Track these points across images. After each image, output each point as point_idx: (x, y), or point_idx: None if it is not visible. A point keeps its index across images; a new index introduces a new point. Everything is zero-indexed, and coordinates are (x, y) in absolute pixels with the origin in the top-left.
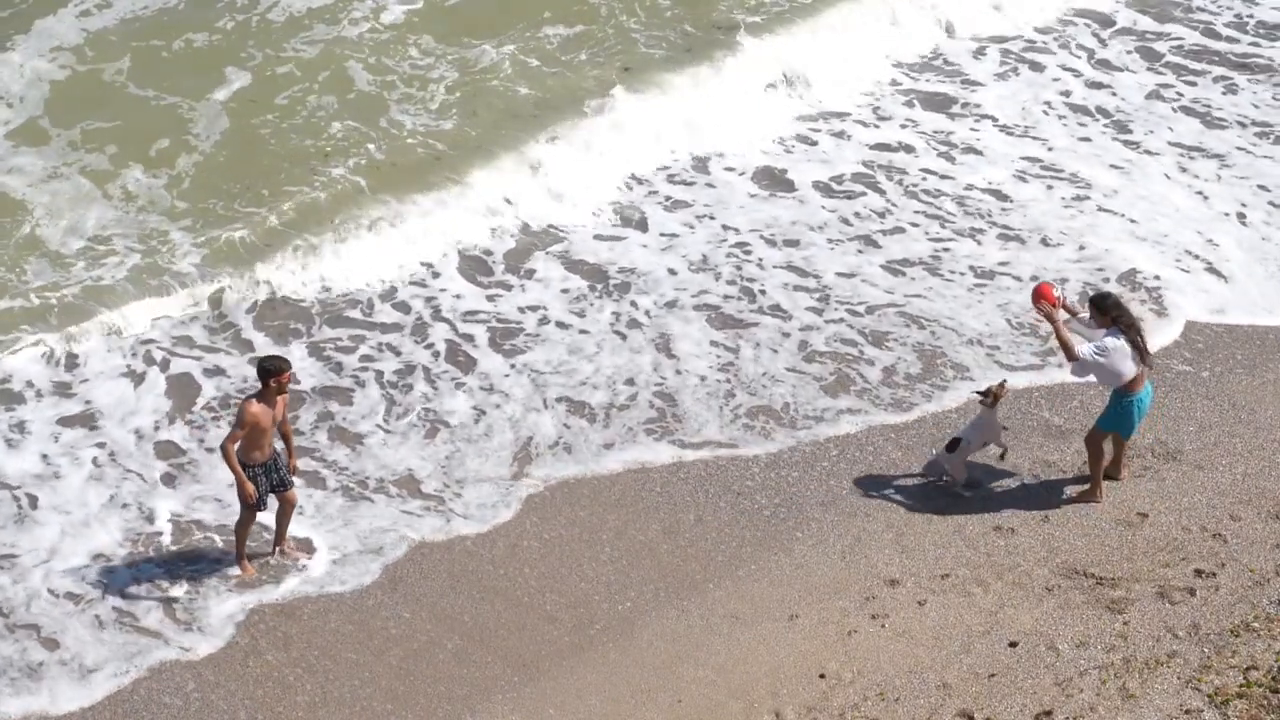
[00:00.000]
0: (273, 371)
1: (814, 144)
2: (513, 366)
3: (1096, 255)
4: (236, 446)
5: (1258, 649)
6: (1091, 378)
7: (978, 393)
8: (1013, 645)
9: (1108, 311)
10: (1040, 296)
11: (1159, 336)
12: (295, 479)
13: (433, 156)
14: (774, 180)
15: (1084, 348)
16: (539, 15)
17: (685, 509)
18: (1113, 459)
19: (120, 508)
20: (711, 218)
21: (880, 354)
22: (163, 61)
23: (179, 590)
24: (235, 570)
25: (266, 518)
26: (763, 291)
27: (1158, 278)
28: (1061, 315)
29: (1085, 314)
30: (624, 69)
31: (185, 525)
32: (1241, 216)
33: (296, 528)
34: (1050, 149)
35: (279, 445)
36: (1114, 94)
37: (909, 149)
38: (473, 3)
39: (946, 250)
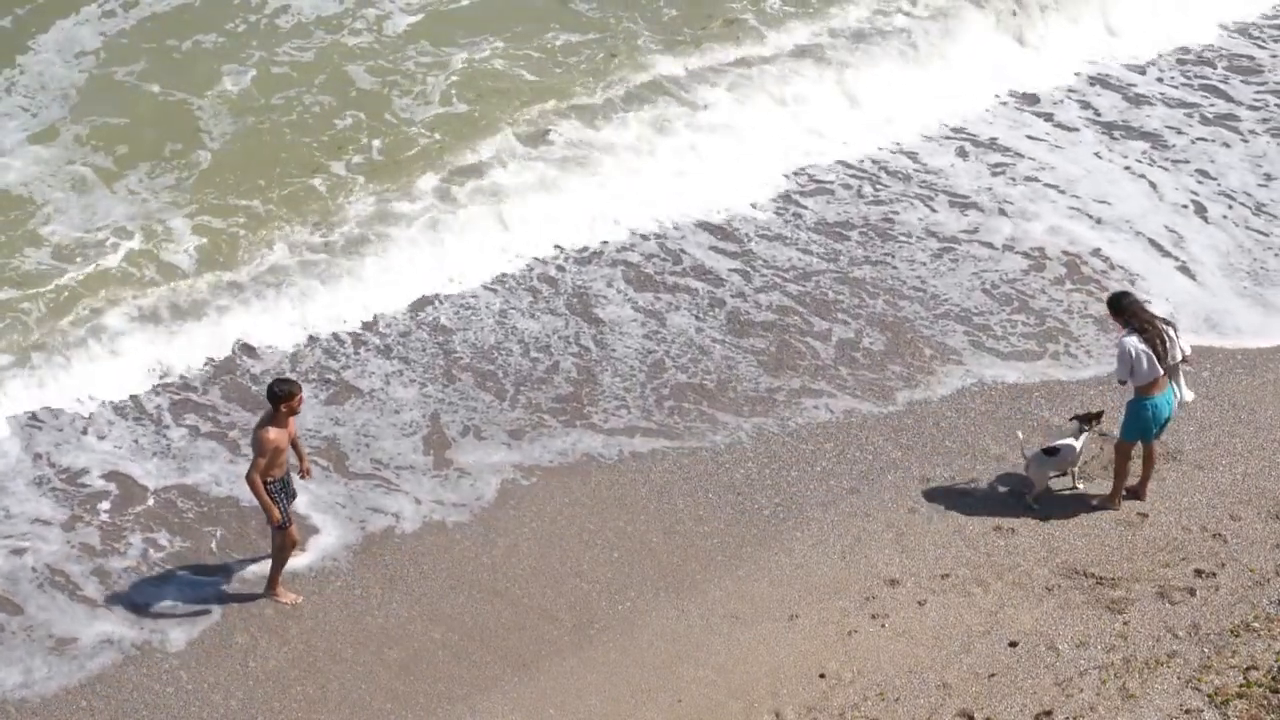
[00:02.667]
0: (284, 396)
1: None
2: (417, 325)
3: (1057, 233)
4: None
5: (1258, 649)
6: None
7: (1078, 419)
8: (1013, 645)
9: (1122, 312)
10: None
11: None
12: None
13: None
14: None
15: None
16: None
17: (684, 508)
18: (1140, 479)
19: (93, 481)
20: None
21: (834, 326)
22: (174, 61)
23: (161, 574)
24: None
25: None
26: (684, 252)
27: (1140, 276)
28: None
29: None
30: (610, 56)
31: (155, 504)
32: (1201, 209)
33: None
34: (953, 112)
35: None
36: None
37: (801, 100)
38: (472, 6)
39: (896, 214)
